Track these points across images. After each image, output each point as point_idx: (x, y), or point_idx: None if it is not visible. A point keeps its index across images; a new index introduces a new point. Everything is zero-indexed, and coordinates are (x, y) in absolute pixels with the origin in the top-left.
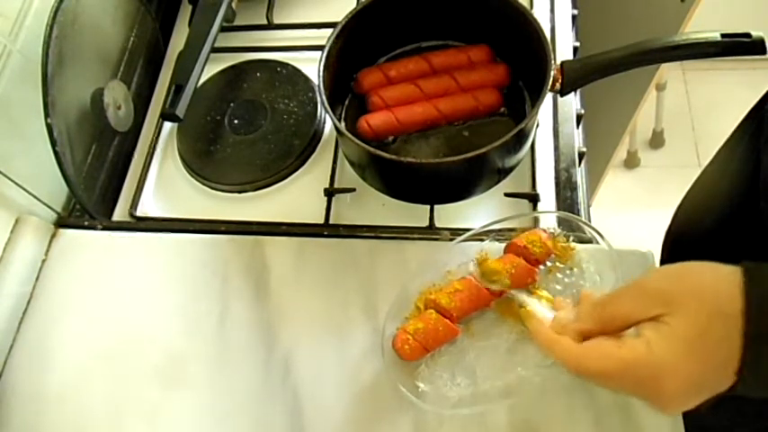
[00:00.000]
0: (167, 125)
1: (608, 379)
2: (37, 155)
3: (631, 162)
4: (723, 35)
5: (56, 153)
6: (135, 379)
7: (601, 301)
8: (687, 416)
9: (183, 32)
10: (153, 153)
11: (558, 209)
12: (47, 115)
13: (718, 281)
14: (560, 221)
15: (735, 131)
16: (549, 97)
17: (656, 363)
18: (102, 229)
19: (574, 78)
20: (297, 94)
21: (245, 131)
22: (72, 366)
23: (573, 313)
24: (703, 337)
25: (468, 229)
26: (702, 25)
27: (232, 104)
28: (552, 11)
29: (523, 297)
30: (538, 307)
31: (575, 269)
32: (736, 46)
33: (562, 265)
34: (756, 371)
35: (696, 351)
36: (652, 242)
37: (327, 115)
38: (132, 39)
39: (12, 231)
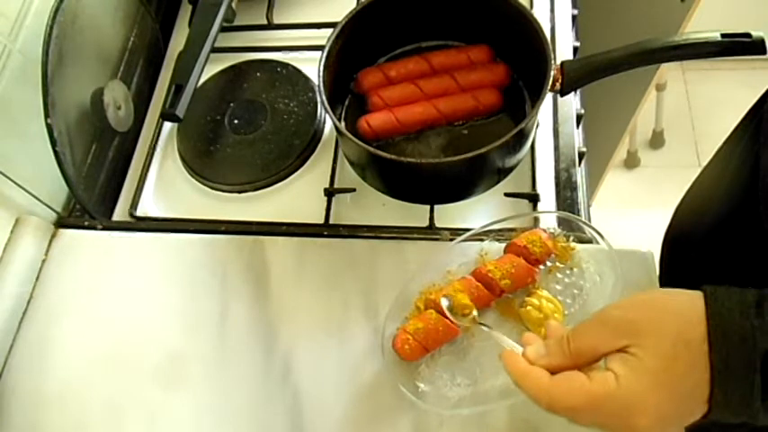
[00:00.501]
0: (167, 125)
1: (579, 414)
2: (37, 155)
3: (631, 162)
4: (723, 35)
5: (56, 153)
6: (135, 379)
7: (567, 335)
8: None
9: (183, 32)
10: (153, 153)
11: (558, 209)
12: (47, 115)
13: (681, 307)
14: (560, 221)
15: (734, 131)
16: (549, 97)
17: (625, 397)
18: (102, 229)
19: (574, 78)
20: (297, 94)
21: (245, 131)
22: (72, 366)
23: (542, 348)
24: (670, 368)
25: (468, 229)
26: (702, 25)
27: (232, 104)
28: (552, 11)
29: (492, 333)
30: (507, 340)
31: (575, 269)
32: (736, 46)
33: (562, 265)
34: (726, 399)
35: (664, 383)
36: (652, 242)
37: (327, 115)
38: (132, 39)
39: (12, 231)
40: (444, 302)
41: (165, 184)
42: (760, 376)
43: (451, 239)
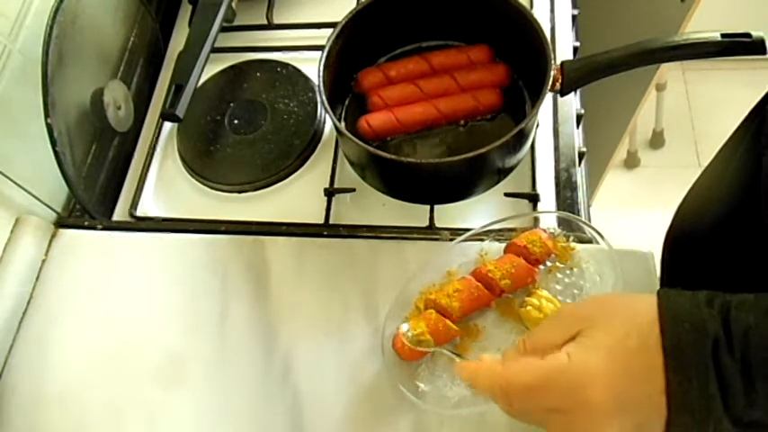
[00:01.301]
0: (167, 125)
1: (533, 392)
2: (37, 155)
3: (631, 162)
4: (723, 35)
5: (56, 153)
6: (135, 379)
7: (523, 337)
8: None
9: (183, 32)
10: (153, 153)
11: (558, 209)
12: (47, 115)
13: (633, 302)
14: (560, 221)
15: (735, 132)
16: (549, 97)
17: (577, 370)
18: (102, 229)
19: (574, 78)
20: (297, 94)
21: (245, 131)
22: (72, 366)
23: (498, 355)
24: (621, 342)
25: (468, 229)
26: (702, 25)
27: (232, 104)
28: (552, 11)
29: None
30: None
31: (575, 269)
32: (736, 46)
33: (562, 265)
34: (682, 389)
35: (616, 355)
36: (652, 242)
37: (327, 115)
38: (132, 39)
39: (12, 231)
40: (404, 327)
41: (165, 184)
42: (713, 363)
43: (451, 239)
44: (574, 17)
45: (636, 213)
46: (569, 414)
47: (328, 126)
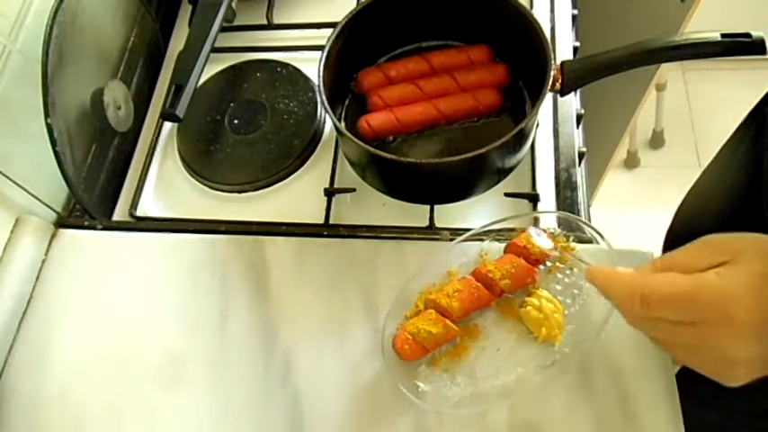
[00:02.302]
0: (167, 125)
1: (677, 302)
2: (37, 155)
3: (631, 162)
4: (723, 35)
5: (56, 153)
6: (135, 379)
7: (658, 258)
8: (687, 415)
9: (183, 32)
10: (153, 153)
11: (558, 209)
12: (47, 115)
13: None
14: (560, 221)
15: (736, 132)
16: (549, 97)
17: (728, 286)
18: (102, 229)
19: (574, 78)
20: (297, 94)
21: (245, 131)
22: (72, 366)
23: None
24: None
25: (468, 229)
26: (702, 25)
27: (232, 104)
28: (552, 11)
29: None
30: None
31: (575, 269)
32: (736, 46)
33: (562, 265)
34: None
35: (763, 284)
36: (652, 242)
37: (327, 115)
38: (132, 39)
39: (12, 231)
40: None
41: (165, 184)
42: None
43: (451, 239)
44: (574, 17)
45: (636, 213)
46: (708, 326)
47: (328, 126)
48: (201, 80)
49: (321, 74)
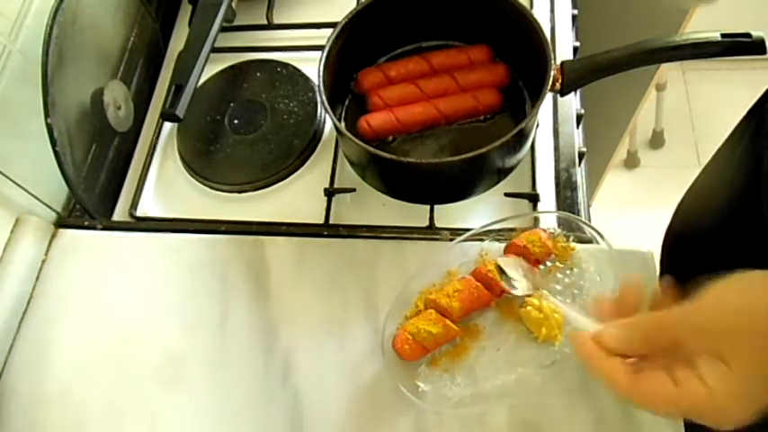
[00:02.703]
0: (167, 125)
1: (665, 413)
2: (37, 155)
3: (631, 162)
4: (723, 35)
5: (56, 153)
6: (135, 379)
7: (654, 323)
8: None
9: (183, 32)
10: (153, 153)
11: (558, 209)
12: (47, 115)
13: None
14: (560, 221)
15: (734, 131)
16: (549, 97)
17: (719, 408)
18: (102, 229)
19: (574, 78)
20: (297, 94)
21: (245, 131)
22: (72, 366)
23: (616, 331)
24: (761, 368)
25: (468, 229)
26: (702, 25)
27: (232, 104)
28: (552, 11)
29: (559, 304)
30: (578, 316)
31: (575, 269)
32: (736, 46)
33: (562, 265)
34: None
35: (757, 384)
36: (652, 242)
37: (327, 115)
38: (132, 39)
39: (12, 231)
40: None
41: (165, 184)
42: None
43: (451, 239)
44: (574, 17)
45: (636, 213)
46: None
47: (328, 126)
48: (201, 80)
49: (321, 74)
